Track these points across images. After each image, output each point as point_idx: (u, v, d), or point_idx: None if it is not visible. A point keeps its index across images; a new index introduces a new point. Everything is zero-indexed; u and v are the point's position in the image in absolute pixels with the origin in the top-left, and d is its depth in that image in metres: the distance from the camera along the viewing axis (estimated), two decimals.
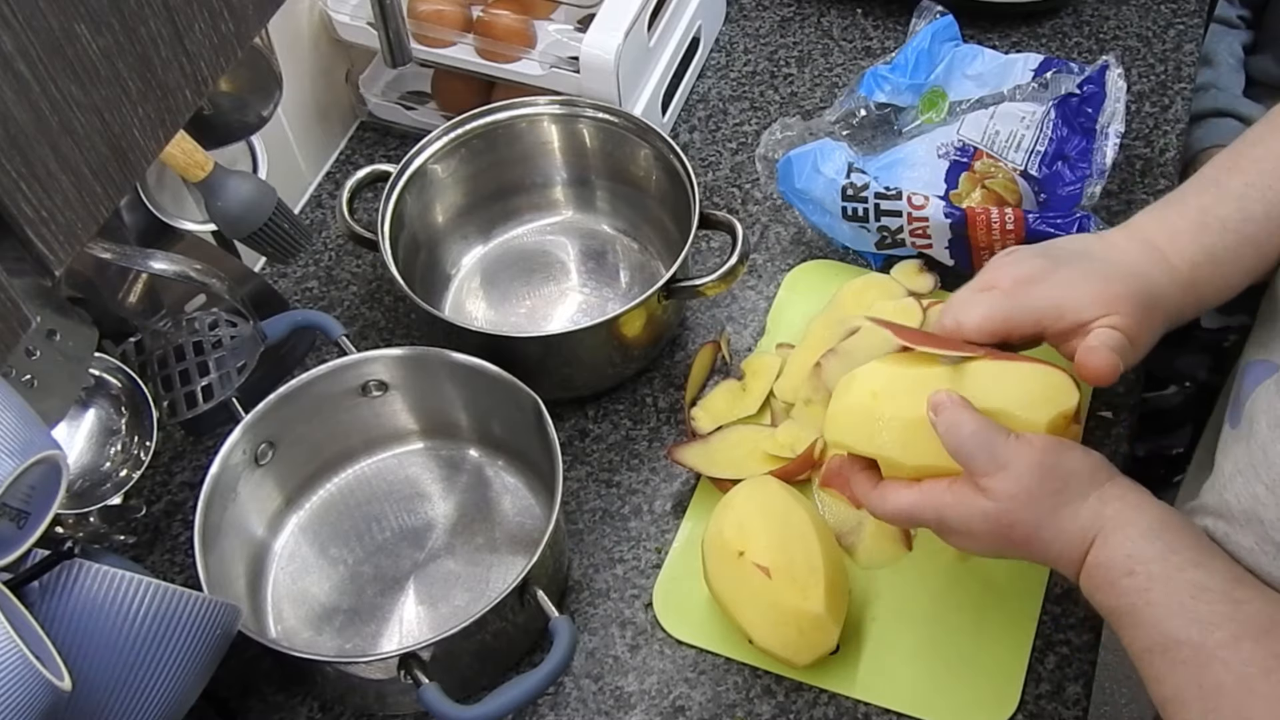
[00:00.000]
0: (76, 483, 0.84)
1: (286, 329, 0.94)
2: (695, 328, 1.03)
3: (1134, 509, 0.69)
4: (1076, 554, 0.70)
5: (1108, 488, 0.70)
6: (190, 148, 0.87)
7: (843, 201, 0.98)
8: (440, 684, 0.76)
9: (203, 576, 0.80)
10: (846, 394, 0.76)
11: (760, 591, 0.80)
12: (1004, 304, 0.76)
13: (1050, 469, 0.70)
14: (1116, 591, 0.68)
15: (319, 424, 0.92)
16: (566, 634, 0.77)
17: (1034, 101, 1.05)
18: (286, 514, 0.93)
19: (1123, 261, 0.77)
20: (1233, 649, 0.63)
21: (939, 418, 0.70)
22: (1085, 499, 0.70)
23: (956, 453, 0.70)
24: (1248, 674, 0.62)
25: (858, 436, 0.76)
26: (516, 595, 0.79)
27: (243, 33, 0.51)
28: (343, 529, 0.93)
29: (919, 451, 0.73)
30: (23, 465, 0.56)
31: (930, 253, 0.99)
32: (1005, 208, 0.96)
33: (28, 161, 0.42)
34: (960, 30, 1.13)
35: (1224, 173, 0.80)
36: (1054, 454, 0.70)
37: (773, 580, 0.80)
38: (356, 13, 1.09)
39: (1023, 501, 0.69)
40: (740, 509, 0.84)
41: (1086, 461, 0.71)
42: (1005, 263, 0.79)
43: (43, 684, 0.58)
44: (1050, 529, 0.70)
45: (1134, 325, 0.74)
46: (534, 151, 1.06)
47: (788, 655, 0.82)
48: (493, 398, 0.90)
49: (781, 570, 0.80)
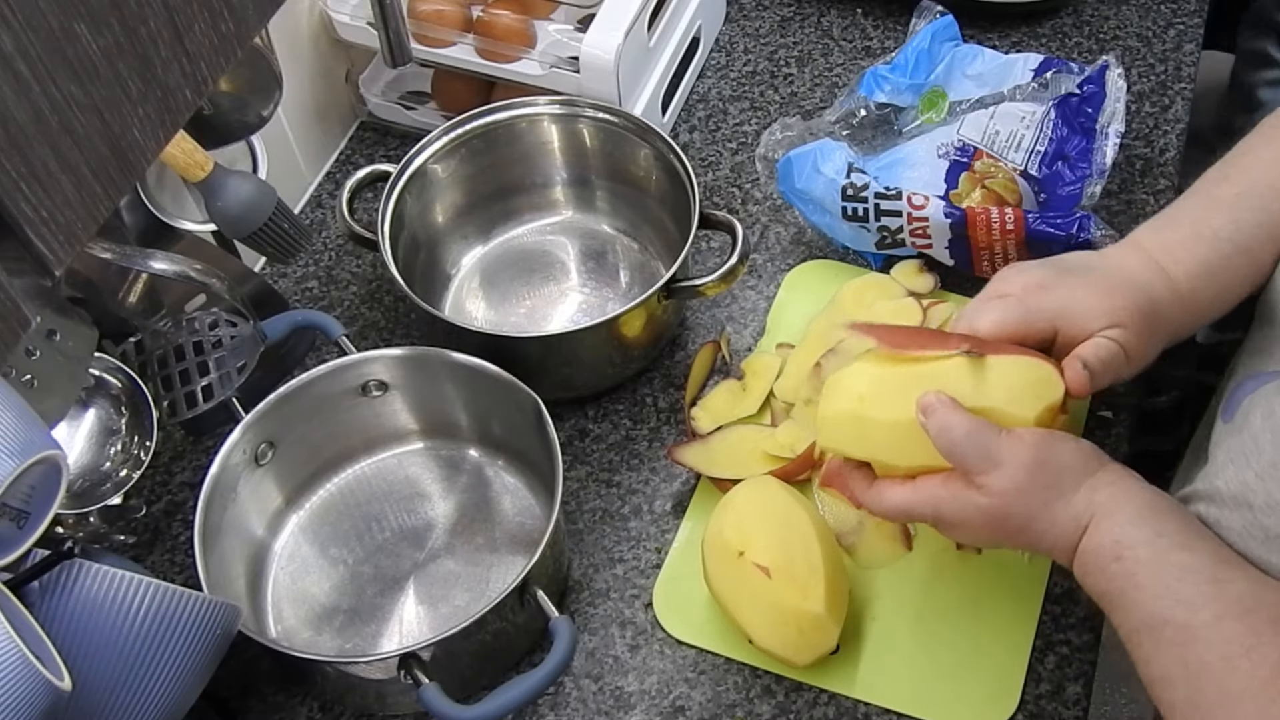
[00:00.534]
0: (76, 483, 0.84)
1: (286, 329, 0.94)
2: (695, 328, 1.03)
3: (1123, 494, 0.71)
4: (1070, 542, 0.71)
5: (1100, 475, 0.72)
6: (190, 148, 0.87)
7: (843, 201, 0.98)
8: (440, 684, 0.76)
9: (203, 576, 0.80)
10: (834, 399, 0.77)
11: (760, 591, 0.80)
12: (1017, 309, 0.77)
13: (1043, 463, 0.71)
14: (1106, 576, 0.69)
15: (319, 424, 0.92)
16: (567, 634, 0.77)
17: (1034, 101, 1.05)
18: (286, 513, 0.93)
19: (1125, 275, 0.78)
20: (1216, 628, 0.64)
21: (929, 420, 0.71)
22: (1077, 489, 0.71)
23: (949, 455, 0.71)
24: (1230, 652, 0.63)
25: (849, 441, 0.76)
26: (516, 595, 0.79)
27: (243, 33, 0.51)
28: (343, 529, 0.93)
29: (910, 452, 0.73)
30: (23, 465, 0.56)
31: (930, 252, 0.99)
32: (1005, 208, 0.96)
33: (28, 161, 0.42)
34: (960, 30, 1.13)
35: (1216, 184, 0.81)
36: (1046, 448, 0.71)
37: (773, 580, 0.80)
38: (356, 13, 1.09)
39: (1017, 496, 0.71)
40: (740, 509, 0.84)
41: (1078, 453, 0.72)
42: (1013, 272, 0.80)
43: (43, 684, 0.58)
44: (1044, 520, 0.71)
45: (1135, 338, 0.75)
46: (534, 151, 1.06)
47: (788, 655, 0.82)
48: (493, 398, 0.90)
49: (781, 570, 0.80)
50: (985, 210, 0.95)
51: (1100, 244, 0.93)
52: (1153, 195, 1.08)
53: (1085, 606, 0.87)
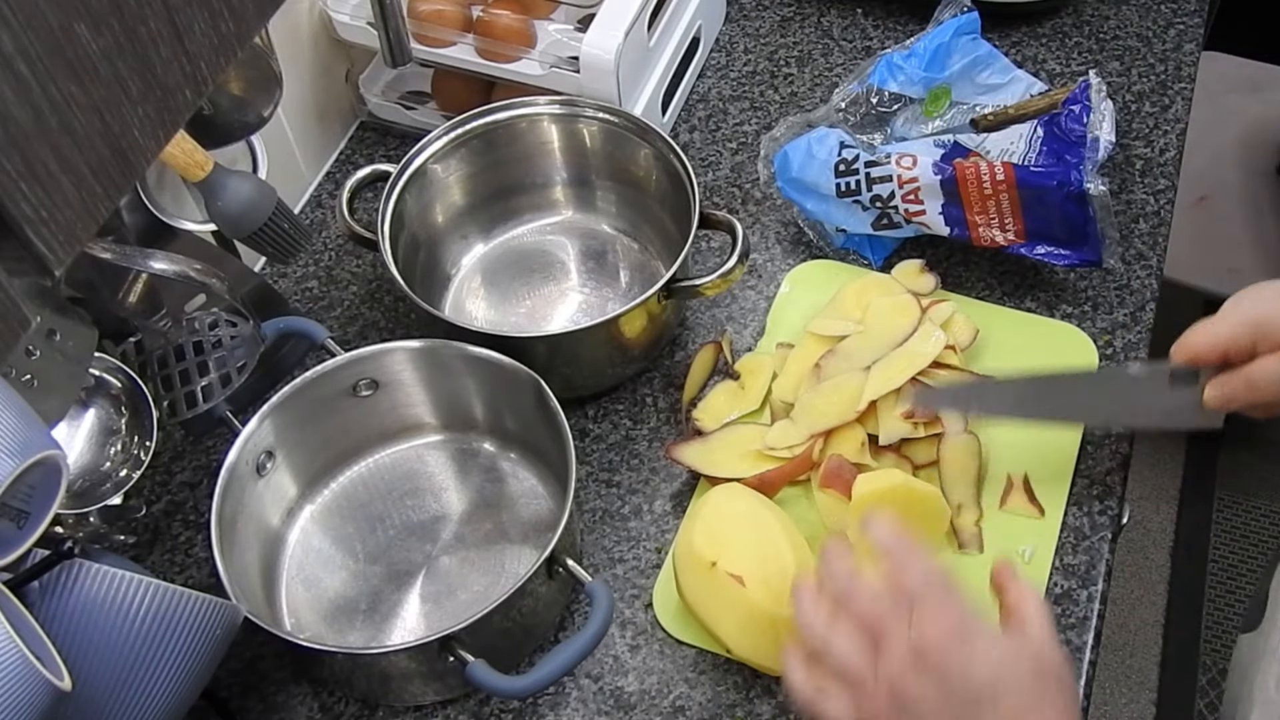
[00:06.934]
0: (76, 483, 0.84)
1: (272, 336, 0.94)
2: (695, 328, 1.03)
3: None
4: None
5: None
6: (190, 148, 0.87)
7: (835, 178, 0.99)
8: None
9: (222, 571, 0.80)
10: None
11: (736, 601, 0.80)
12: (1222, 321, 0.77)
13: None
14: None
15: (322, 423, 0.92)
16: (604, 595, 0.78)
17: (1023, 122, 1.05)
18: (300, 507, 0.93)
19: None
20: None
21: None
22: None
23: None
24: None
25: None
26: (546, 567, 0.80)
27: (243, 33, 0.51)
28: (356, 522, 0.93)
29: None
30: (23, 465, 0.56)
31: (925, 220, 0.98)
32: (994, 162, 0.96)
33: (28, 161, 0.42)
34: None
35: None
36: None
37: (747, 588, 0.80)
38: (356, 13, 1.09)
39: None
40: (709, 519, 0.84)
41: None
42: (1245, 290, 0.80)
43: (43, 684, 0.58)
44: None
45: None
46: (534, 151, 1.06)
47: (768, 664, 0.81)
48: (493, 383, 0.90)
49: (755, 578, 0.80)
50: (974, 165, 0.95)
51: (1097, 195, 0.94)
52: (1153, 195, 1.08)
53: (1085, 606, 0.87)
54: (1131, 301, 1.02)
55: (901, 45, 1.08)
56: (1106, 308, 1.01)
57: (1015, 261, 1.03)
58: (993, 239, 0.98)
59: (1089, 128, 0.98)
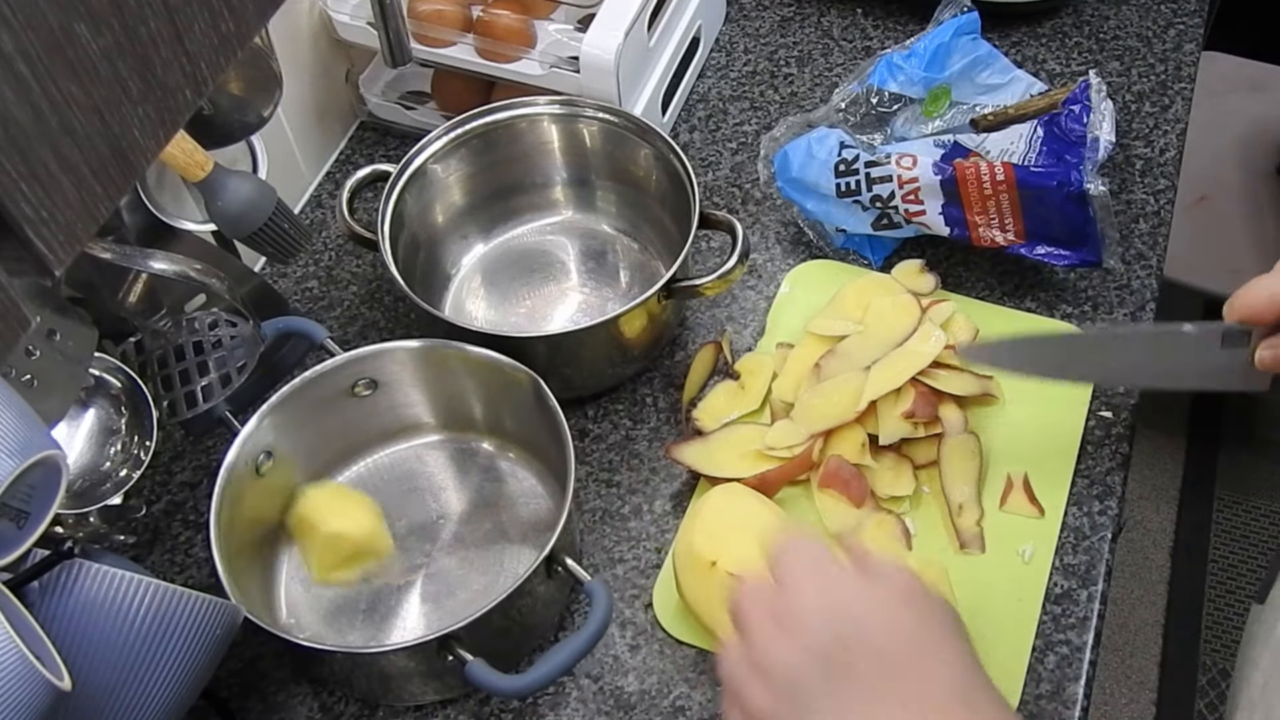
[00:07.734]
0: (76, 483, 0.84)
1: (271, 336, 0.94)
2: (695, 328, 1.03)
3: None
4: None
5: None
6: (190, 148, 0.87)
7: (835, 178, 0.99)
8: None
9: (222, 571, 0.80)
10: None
11: None
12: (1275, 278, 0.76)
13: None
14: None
15: (322, 423, 0.92)
16: (603, 594, 0.78)
17: (1023, 121, 1.05)
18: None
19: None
20: None
21: None
22: None
23: None
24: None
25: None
26: (545, 566, 0.80)
27: (243, 33, 0.51)
28: None
29: None
30: (23, 465, 0.56)
31: (925, 221, 0.98)
32: (994, 162, 0.96)
33: (28, 161, 0.42)
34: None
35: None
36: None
37: None
38: (356, 13, 1.09)
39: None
40: (708, 519, 0.84)
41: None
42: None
43: (43, 684, 0.58)
44: None
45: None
46: (534, 151, 1.06)
47: None
48: (492, 383, 0.90)
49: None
50: (974, 164, 0.95)
51: (1097, 195, 0.94)
52: (1153, 195, 1.08)
53: (1085, 606, 0.87)
54: (1131, 301, 1.02)
55: (901, 45, 1.08)
56: (1106, 308, 1.01)
57: (1015, 261, 1.03)
58: (993, 239, 0.98)
59: (1089, 128, 0.98)
